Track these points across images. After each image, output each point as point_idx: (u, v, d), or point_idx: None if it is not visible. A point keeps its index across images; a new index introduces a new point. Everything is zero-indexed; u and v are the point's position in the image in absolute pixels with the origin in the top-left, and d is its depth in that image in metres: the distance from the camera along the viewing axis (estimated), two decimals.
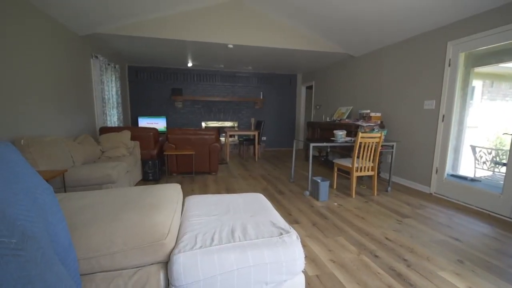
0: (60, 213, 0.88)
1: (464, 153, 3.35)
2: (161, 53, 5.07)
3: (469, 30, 2.95)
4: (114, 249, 1.06)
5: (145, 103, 6.54)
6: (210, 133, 4.21)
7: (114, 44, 4.47)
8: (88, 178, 2.59)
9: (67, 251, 0.85)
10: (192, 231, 1.24)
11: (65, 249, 0.85)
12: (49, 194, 0.85)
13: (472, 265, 1.80)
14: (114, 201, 1.46)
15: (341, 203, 3.02)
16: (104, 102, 4.45)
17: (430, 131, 3.47)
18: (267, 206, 1.61)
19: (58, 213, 0.86)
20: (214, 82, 6.94)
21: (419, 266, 1.78)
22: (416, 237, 2.21)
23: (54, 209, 0.85)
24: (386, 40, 4.02)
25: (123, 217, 1.24)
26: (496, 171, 3.49)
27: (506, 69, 3.21)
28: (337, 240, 2.15)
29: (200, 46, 4.46)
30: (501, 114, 3.23)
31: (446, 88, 3.24)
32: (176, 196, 1.60)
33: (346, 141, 3.45)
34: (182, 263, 1.03)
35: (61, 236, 0.84)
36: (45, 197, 0.83)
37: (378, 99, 4.42)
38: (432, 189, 3.46)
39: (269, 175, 4.38)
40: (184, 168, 4.18)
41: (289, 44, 4.45)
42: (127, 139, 3.72)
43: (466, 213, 2.77)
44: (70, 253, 0.87)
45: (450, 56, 3.18)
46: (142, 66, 6.37)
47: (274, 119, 7.55)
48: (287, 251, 1.14)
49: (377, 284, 1.58)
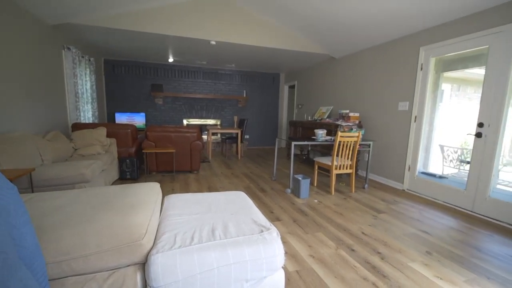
0: (25, 215, 0.82)
1: (434, 152, 3.57)
2: (140, 47, 4.89)
3: (439, 37, 3.13)
4: (87, 251, 1.02)
5: (123, 98, 6.29)
6: (191, 130, 4.14)
7: (88, 36, 4.24)
8: (59, 177, 2.45)
9: (33, 255, 0.81)
10: (171, 230, 1.21)
11: (32, 253, 0.80)
12: (13, 195, 0.80)
13: (439, 255, 1.93)
14: (88, 201, 1.40)
15: (321, 200, 3.10)
16: (78, 97, 4.23)
17: (403, 131, 3.65)
18: (248, 204, 1.61)
19: (23, 215, 0.81)
20: (196, 79, 6.81)
21: (392, 258, 1.87)
22: (390, 231, 2.32)
23: (19, 211, 0.80)
24: (364, 44, 4.16)
25: (98, 217, 1.19)
26: (461, 168, 3.74)
27: (471, 74, 3.44)
28: (317, 236, 2.20)
29: (182, 41, 4.35)
30: (466, 116, 3.47)
31: (418, 91, 3.42)
32: (154, 195, 1.56)
33: (326, 140, 3.54)
34: (160, 264, 1.00)
35: (27, 239, 0.79)
36: (8, 198, 0.77)
37: (357, 100, 4.57)
38: (405, 186, 3.64)
39: (252, 174, 4.39)
40: (164, 167, 4.08)
41: (272, 43, 4.47)
42: (103, 136, 3.56)
43: (434, 208, 2.95)
44: (37, 257, 0.82)
45: (422, 61, 3.36)
46: (120, 60, 6.11)
47: (257, 118, 7.56)
48: (267, 248, 1.15)
49: (353, 276, 1.64)
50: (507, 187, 3.09)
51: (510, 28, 2.46)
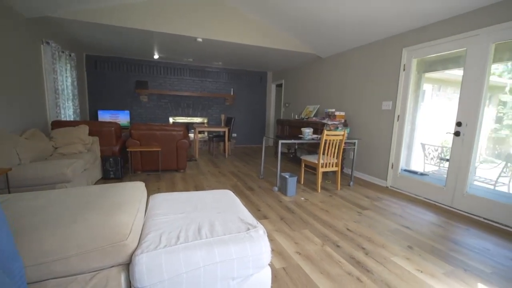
0: (2, 217, 0.79)
1: (416, 150, 3.70)
2: (123, 43, 4.75)
3: (421, 38, 3.24)
4: (68, 253, 0.99)
5: (106, 95, 6.10)
6: (178, 129, 4.08)
7: (68, 30, 4.07)
8: (38, 177, 2.35)
9: (10, 258, 0.77)
10: (156, 230, 1.20)
11: (8, 256, 0.76)
12: None
13: (420, 250, 2.00)
14: (69, 201, 1.36)
15: (307, 198, 3.14)
16: (57, 94, 4.06)
17: (387, 130, 3.76)
18: (235, 203, 1.61)
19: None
20: (182, 76, 6.71)
21: (376, 253, 1.93)
22: (374, 227, 2.39)
23: None
24: (350, 44, 4.24)
25: (80, 218, 1.15)
26: (441, 166, 3.90)
27: (451, 75, 3.59)
28: (303, 233, 2.23)
29: (167, 38, 4.27)
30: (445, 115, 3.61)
31: (401, 91, 3.53)
32: (139, 194, 1.53)
33: (313, 138, 3.58)
34: (145, 264, 0.99)
35: (3, 242, 0.76)
36: None
37: (342, 99, 4.65)
38: (388, 183, 3.75)
39: (239, 172, 4.38)
40: (149, 166, 4.00)
41: (260, 42, 4.47)
42: (85, 134, 3.44)
43: (416, 204, 3.06)
44: (14, 260, 0.79)
45: (405, 62, 3.46)
46: (102, 55, 5.91)
47: (245, 116, 7.55)
48: (254, 245, 1.16)
49: (338, 272, 1.68)
50: (483, 183, 3.25)
51: (485, 31, 2.58)
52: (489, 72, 2.62)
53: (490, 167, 3.48)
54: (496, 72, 3.21)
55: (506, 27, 2.43)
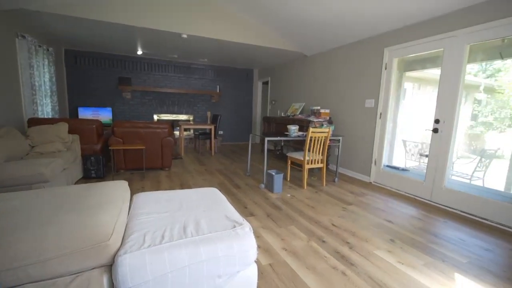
0: None
1: (397, 146, 3.82)
2: (105, 37, 4.58)
3: (401, 39, 3.34)
4: (46, 255, 0.95)
5: (87, 92, 5.87)
6: (162, 126, 4.00)
7: (46, 23, 3.87)
8: (13, 177, 2.24)
9: None
10: (140, 230, 1.17)
11: None
12: None
13: (401, 243, 2.08)
14: (47, 202, 1.30)
15: (293, 194, 3.18)
16: (34, 90, 3.87)
17: (370, 127, 3.86)
18: (221, 200, 1.61)
19: None
20: (167, 73, 6.57)
21: (359, 247, 1.99)
22: (358, 221, 2.46)
23: None
24: (334, 42, 4.30)
25: (59, 219, 1.11)
26: (421, 161, 4.06)
27: (429, 74, 3.73)
28: (290, 229, 2.26)
29: (152, 33, 4.16)
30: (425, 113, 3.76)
31: (383, 89, 3.63)
32: (122, 194, 1.49)
33: (299, 135, 3.62)
34: (128, 264, 0.97)
35: None
36: None
37: (327, 97, 4.73)
38: (371, 178, 3.86)
39: (226, 170, 4.36)
40: (133, 164, 3.90)
41: (246, 39, 4.44)
42: (64, 132, 3.31)
43: (398, 198, 3.17)
44: None
45: (386, 61, 3.56)
46: (83, 50, 5.68)
47: (231, 113, 7.51)
48: (240, 243, 1.16)
49: (324, 266, 1.72)
50: (460, 178, 3.41)
51: (461, 33, 2.70)
52: (464, 72, 2.74)
53: (466, 162, 3.67)
54: (472, 71, 3.37)
55: (479, 29, 2.55)
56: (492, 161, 3.40)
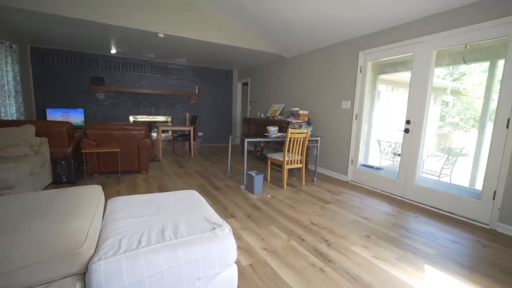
0: None
1: (372, 146, 3.99)
2: (75, 35, 4.35)
3: (375, 43, 3.50)
4: (11, 266, 0.89)
5: (56, 92, 5.53)
6: (138, 128, 3.87)
7: (7, 18, 3.60)
8: None
9: None
10: (116, 235, 1.13)
11: None
12: None
13: (377, 238, 2.18)
14: (12, 209, 1.21)
15: (274, 195, 3.21)
16: None
17: (346, 127, 4.00)
18: (201, 203, 1.59)
19: None
20: (143, 73, 6.37)
21: (337, 244, 2.05)
22: (335, 219, 2.53)
23: None
24: (312, 45, 4.41)
25: (26, 226, 1.04)
26: (394, 160, 4.27)
27: (401, 77, 3.95)
28: (270, 229, 2.28)
29: (126, 32, 4.02)
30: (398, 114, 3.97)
31: (358, 91, 3.78)
32: (96, 198, 1.42)
33: (278, 136, 3.67)
34: (103, 271, 0.93)
35: None
36: None
37: (306, 98, 4.83)
38: (348, 177, 4.00)
39: (206, 172, 4.31)
40: (108, 168, 3.74)
41: (224, 40, 4.42)
42: (31, 135, 3.09)
43: (373, 196, 3.31)
44: None
45: (361, 64, 3.72)
46: (51, 48, 5.35)
47: (211, 114, 7.43)
48: (220, 244, 1.15)
49: (303, 264, 1.75)
50: (429, 175, 3.63)
51: (429, 38, 2.88)
52: (432, 75, 2.93)
53: (435, 160, 3.91)
54: (441, 75, 3.61)
55: (445, 35, 2.74)
56: (458, 159, 3.66)
